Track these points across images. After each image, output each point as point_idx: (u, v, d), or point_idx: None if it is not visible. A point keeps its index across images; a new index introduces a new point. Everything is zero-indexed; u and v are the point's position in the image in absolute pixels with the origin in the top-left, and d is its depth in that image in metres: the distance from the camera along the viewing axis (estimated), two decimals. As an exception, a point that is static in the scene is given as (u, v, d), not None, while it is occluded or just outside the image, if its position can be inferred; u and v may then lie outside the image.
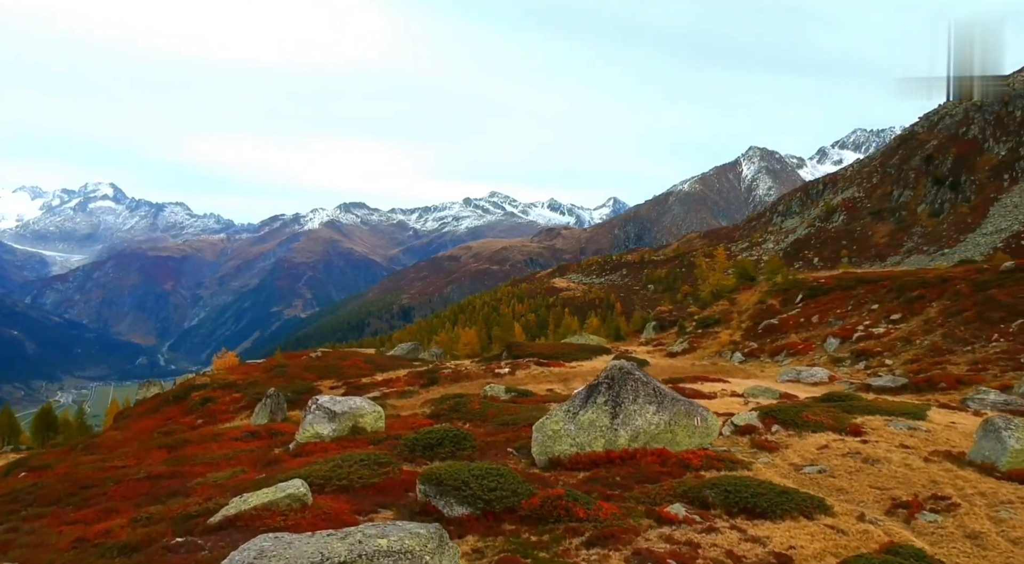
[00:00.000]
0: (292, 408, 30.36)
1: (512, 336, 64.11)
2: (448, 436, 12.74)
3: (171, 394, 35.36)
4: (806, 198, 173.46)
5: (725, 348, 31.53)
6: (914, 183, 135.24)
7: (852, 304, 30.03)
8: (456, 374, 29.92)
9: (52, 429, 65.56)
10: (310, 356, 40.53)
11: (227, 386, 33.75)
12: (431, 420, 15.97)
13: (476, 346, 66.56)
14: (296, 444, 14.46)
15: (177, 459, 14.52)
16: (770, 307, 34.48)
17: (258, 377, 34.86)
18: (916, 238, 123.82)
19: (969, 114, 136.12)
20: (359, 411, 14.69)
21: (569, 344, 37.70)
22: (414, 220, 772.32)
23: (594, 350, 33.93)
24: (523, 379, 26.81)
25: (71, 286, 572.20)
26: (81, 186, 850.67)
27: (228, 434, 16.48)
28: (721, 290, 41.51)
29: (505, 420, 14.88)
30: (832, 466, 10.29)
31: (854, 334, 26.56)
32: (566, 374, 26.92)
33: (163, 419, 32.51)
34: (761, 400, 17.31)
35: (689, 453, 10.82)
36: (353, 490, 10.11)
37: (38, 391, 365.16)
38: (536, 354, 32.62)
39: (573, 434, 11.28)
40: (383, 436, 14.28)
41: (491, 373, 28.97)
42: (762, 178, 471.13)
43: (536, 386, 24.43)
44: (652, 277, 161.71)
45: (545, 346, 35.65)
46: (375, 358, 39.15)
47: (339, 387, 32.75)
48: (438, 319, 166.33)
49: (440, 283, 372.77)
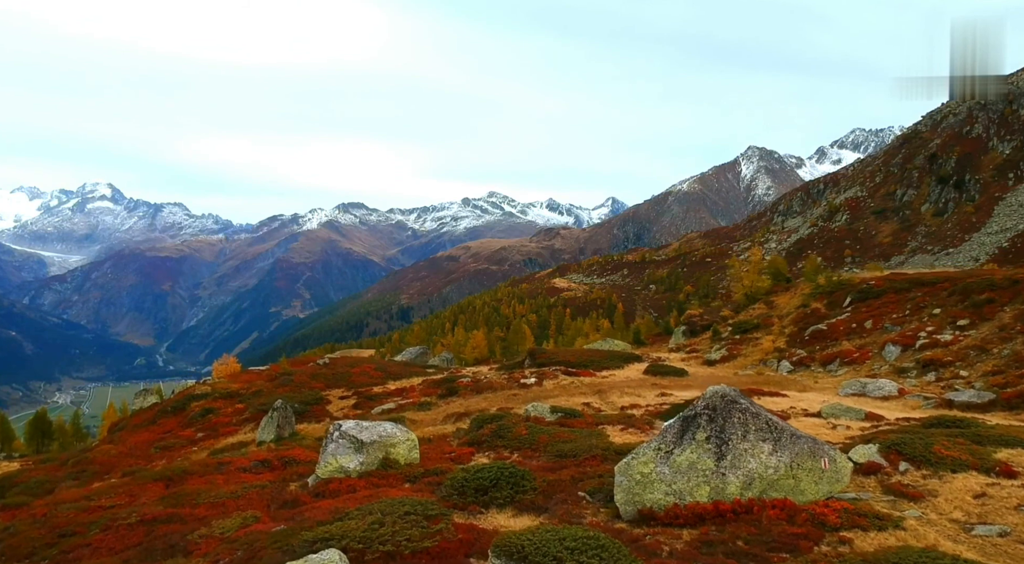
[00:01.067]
0: (300, 421, 28.11)
1: (523, 342, 61.83)
2: (504, 475, 10.51)
3: (169, 404, 33.05)
4: (807, 197, 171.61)
5: (769, 356, 29.27)
6: (918, 182, 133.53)
7: (909, 308, 27.66)
8: (477, 384, 27.68)
9: (47, 435, 63.64)
10: (317, 363, 38.33)
11: (229, 396, 31.57)
12: (472, 449, 13.73)
13: (484, 350, 64.36)
14: (316, 479, 12.23)
15: (176, 497, 12.27)
16: (815, 311, 32.14)
17: (262, 386, 32.62)
18: (920, 237, 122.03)
19: (973, 113, 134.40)
20: (390, 439, 12.45)
21: (596, 351, 35.24)
22: (412, 220, 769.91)
23: (624, 358, 31.76)
24: (552, 391, 24.57)
25: (69, 287, 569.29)
26: (79, 186, 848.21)
27: (235, 463, 14.21)
28: (756, 292, 39.21)
29: (561, 450, 12.65)
30: (1013, 526, 8.09)
31: (916, 341, 24.24)
32: (599, 385, 24.66)
33: (161, 432, 30.30)
34: (846, 422, 15.08)
35: (820, 506, 8.59)
36: (401, 558, 7.88)
37: (36, 392, 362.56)
38: (563, 362, 30.53)
39: (668, 479, 9.07)
40: (419, 470, 12.05)
41: (516, 384, 26.71)
42: (761, 178, 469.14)
43: (569, 399, 22.20)
44: (653, 277, 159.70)
45: (571, 353, 33.26)
46: (386, 365, 36.78)
47: (349, 396, 30.58)
48: (438, 320, 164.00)
49: (439, 283, 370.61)
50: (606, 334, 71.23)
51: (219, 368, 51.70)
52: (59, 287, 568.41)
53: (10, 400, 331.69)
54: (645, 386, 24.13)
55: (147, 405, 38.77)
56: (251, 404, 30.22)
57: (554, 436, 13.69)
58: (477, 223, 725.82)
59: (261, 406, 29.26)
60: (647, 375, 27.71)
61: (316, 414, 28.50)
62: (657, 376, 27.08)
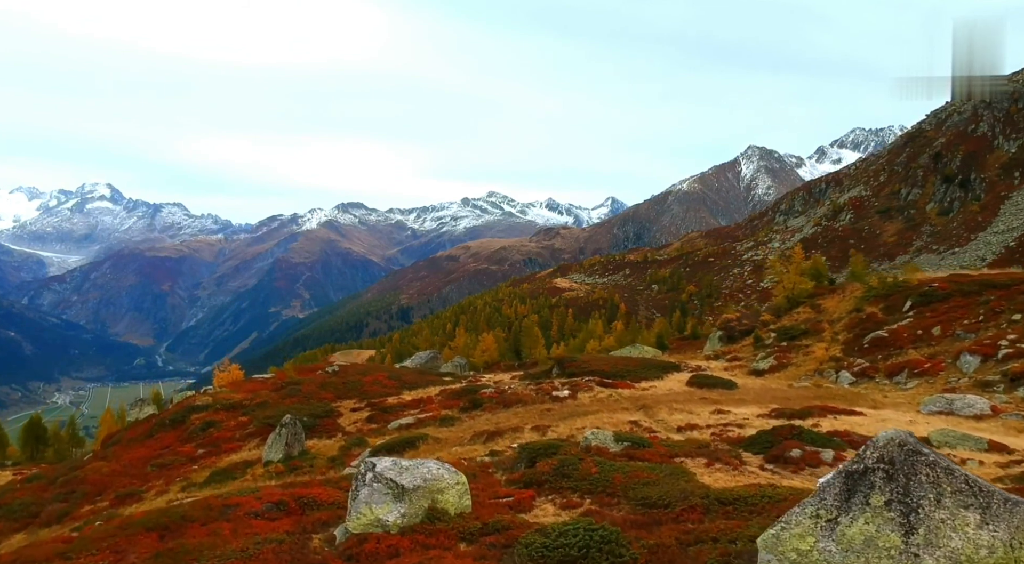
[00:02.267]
0: (310, 435, 25.79)
1: (535, 344, 59.44)
2: (593, 541, 8.15)
3: (167, 416, 30.58)
4: (809, 197, 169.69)
5: (824, 366, 26.85)
6: (923, 181, 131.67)
7: (983, 313, 25.29)
8: (502, 396, 25.36)
9: (42, 442, 61.68)
10: (325, 371, 35.74)
11: (232, 407, 29.31)
12: (530, 491, 11.34)
13: (494, 353, 61.95)
14: (347, 534, 9.87)
15: (173, 556, 9.93)
16: (871, 316, 29.75)
17: (267, 396, 30.36)
18: (926, 237, 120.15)
19: (978, 111, 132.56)
20: (436, 483, 10.09)
21: (627, 358, 32.78)
22: (412, 220, 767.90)
23: (662, 367, 29.35)
24: (590, 406, 22.21)
25: (68, 287, 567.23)
26: (78, 186, 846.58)
27: (244, 505, 11.84)
28: (799, 295, 36.75)
29: (646, 497, 10.27)
30: None
31: (998, 351, 21.93)
32: (642, 399, 22.28)
33: (158, 447, 27.99)
34: (967, 452, 12.76)
35: (1062, 604, 6.24)
36: None
37: (35, 393, 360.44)
38: (596, 372, 28.03)
39: (837, 561, 6.72)
40: (475, 525, 9.69)
41: (547, 396, 24.33)
42: (761, 177, 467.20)
43: (611, 416, 19.86)
44: (656, 277, 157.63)
45: (603, 361, 30.80)
46: (400, 373, 34.44)
47: (362, 408, 28.33)
48: (439, 320, 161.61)
49: (439, 283, 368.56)
50: (620, 336, 68.41)
51: (220, 375, 49.19)
52: (58, 287, 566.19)
53: (9, 401, 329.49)
54: (693, 400, 21.79)
55: (143, 416, 36.42)
56: (256, 417, 28.07)
57: (630, 475, 11.30)
58: (477, 223, 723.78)
59: (267, 419, 27.13)
60: (692, 387, 25.49)
61: (327, 428, 26.32)
62: (704, 388, 24.78)
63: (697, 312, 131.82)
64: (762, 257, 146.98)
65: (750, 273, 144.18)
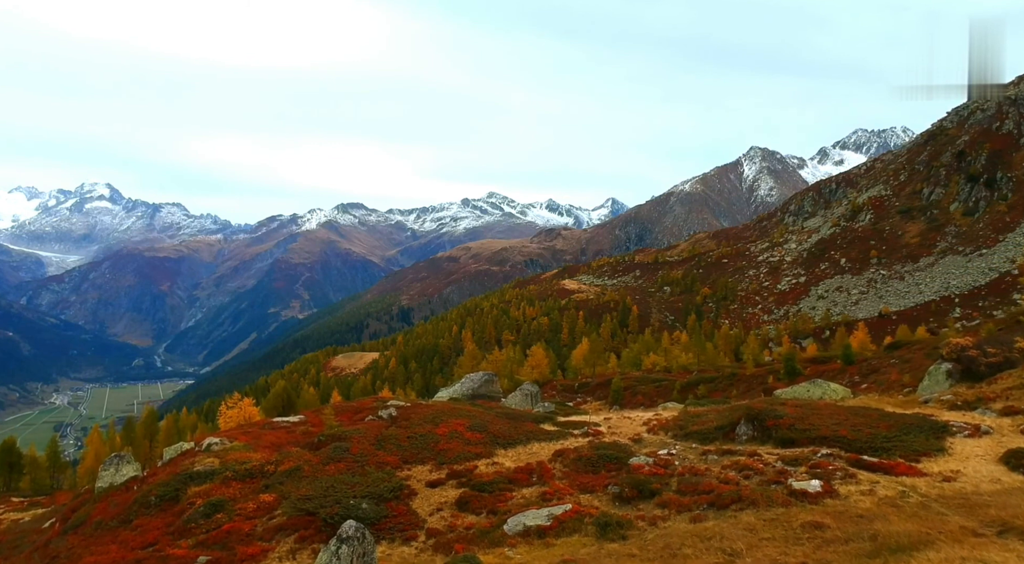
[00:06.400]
0: (377, 536, 16.72)
1: (601, 359, 54.89)
2: None
3: (154, 491, 21.21)
4: (819, 197, 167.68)
5: None
6: (946, 180, 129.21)
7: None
8: (681, 480, 17.14)
9: (16, 469, 57.05)
10: (379, 415, 26.64)
11: (248, 476, 20.96)
12: None
13: (546, 370, 56.37)
14: None
15: None
16: None
17: (299, 457, 21.98)
18: (950, 238, 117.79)
19: (1003, 108, 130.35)
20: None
21: (834, 406, 23.71)
22: (412, 221, 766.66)
23: (927, 428, 19.76)
24: (875, 513, 13.69)
25: (67, 287, 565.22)
26: (77, 186, 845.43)
27: None
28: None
29: None
30: None
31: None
32: (955, 500, 14.01)
33: (137, 544, 18.58)
34: None
35: None
36: None
37: (33, 393, 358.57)
38: (818, 436, 19.27)
39: None
40: None
41: (775, 487, 15.70)
42: (764, 178, 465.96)
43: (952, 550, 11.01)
44: (668, 278, 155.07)
45: (814, 415, 21.46)
46: (484, 419, 25.26)
47: (444, 483, 19.73)
48: (444, 322, 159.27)
49: (439, 284, 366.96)
50: (684, 348, 59.47)
51: (228, 414, 38.69)
52: (57, 287, 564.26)
53: (7, 401, 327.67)
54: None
55: (119, 482, 25.79)
56: (285, 493, 19.38)
57: None
58: (477, 224, 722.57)
59: (303, 503, 18.26)
60: (1005, 467, 16.27)
61: (400, 524, 17.48)
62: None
63: (713, 315, 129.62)
64: (778, 259, 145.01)
65: (766, 275, 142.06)
